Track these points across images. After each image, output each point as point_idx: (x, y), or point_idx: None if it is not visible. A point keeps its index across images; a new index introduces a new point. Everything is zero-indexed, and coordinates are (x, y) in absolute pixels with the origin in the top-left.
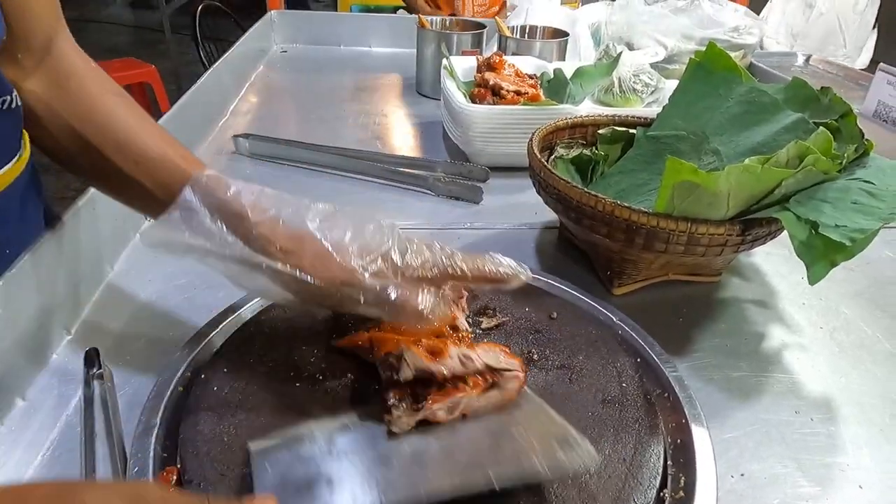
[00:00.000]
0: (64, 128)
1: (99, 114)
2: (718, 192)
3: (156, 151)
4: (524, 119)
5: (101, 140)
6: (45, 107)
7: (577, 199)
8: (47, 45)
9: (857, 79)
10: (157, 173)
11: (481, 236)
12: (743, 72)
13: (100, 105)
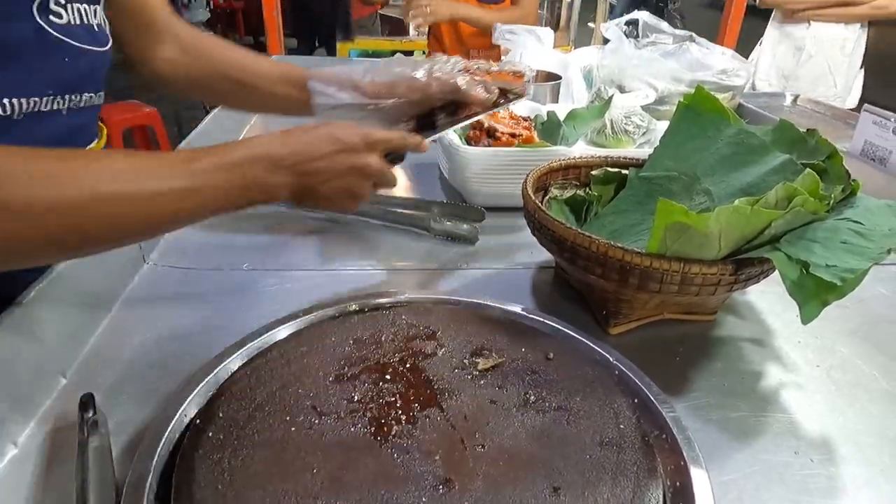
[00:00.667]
0: (207, 74)
1: (230, 58)
2: (709, 233)
3: (276, 69)
4: (519, 160)
5: (240, 74)
6: (183, 66)
7: (571, 240)
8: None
9: (845, 118)
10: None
11: (477, 276)
12: (730, 114)
13: (228, 52)
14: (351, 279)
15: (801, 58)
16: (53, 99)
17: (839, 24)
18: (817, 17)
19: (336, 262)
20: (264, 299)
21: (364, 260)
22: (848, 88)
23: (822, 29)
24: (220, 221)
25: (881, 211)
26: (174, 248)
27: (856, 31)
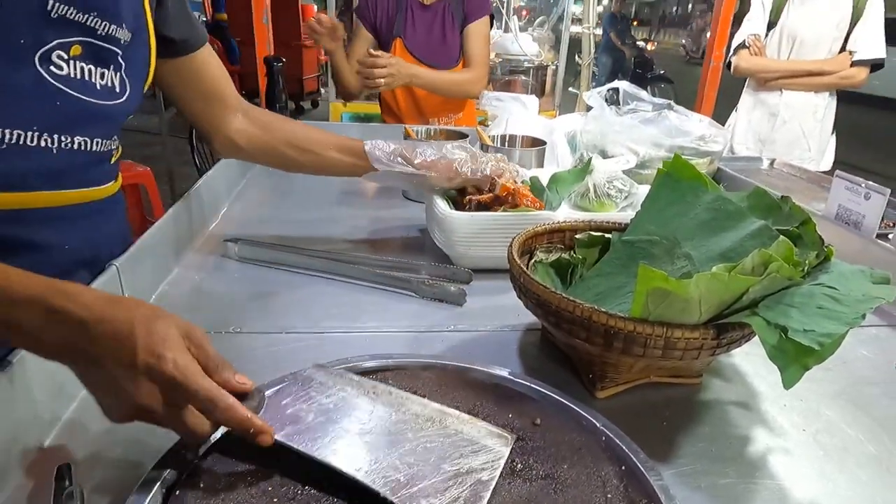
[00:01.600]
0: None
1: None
2: (690, 299)
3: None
4: (504, 224)
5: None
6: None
7: (555, 304)
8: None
9: (819, 181)
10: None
11: (465, 339)
12: (707, 180)
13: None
14: (338, 341)
15: (776, 123)
16: (39, 135)
17: (810, 92)
18: (788, 86)
19: (323, 323)
20: (249, 363)
21: (352, 322)
22: (821, 152)
23: (794, 96)
24: (207, 281)
25: (854, 276)
26: None
27: (826, 98)
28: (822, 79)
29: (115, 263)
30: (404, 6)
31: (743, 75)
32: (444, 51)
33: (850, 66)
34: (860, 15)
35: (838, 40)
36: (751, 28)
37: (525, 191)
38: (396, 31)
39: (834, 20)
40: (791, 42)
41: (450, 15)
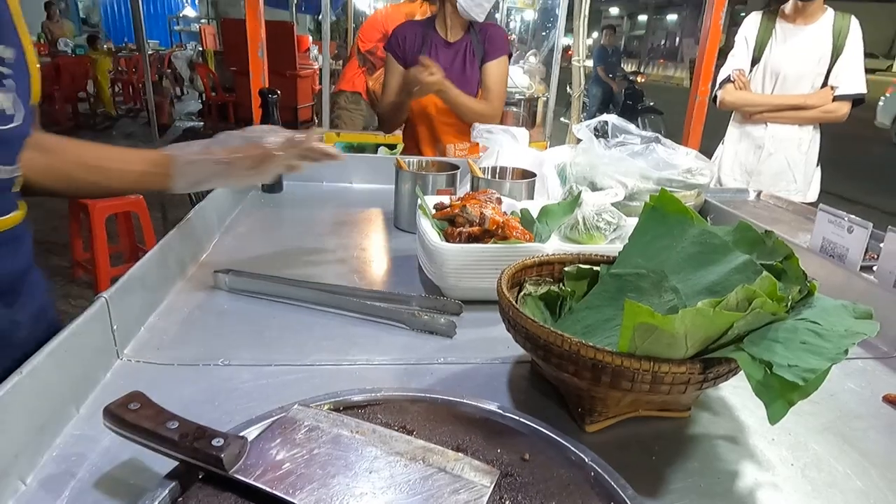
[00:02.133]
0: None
1: (86, 146)
2: (676, 334)
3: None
4: (495, 256)
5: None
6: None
7: (544, 338)
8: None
9: (806, 213)
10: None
11: (455, 371)
12: (693, 214)
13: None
14: (328, 374)
15: (762, 155)
16: None
17: (794, 125)
18: (773, 120)
19: (313, 356)
20: (238, 397)
21: (341, 354)
22: (808, 183)
23: (779, 129)
24: (196, 312)
25: (837, 311)
26: (149, 343)
27: (810, 131)
28: (805, 113)
29: (105, 296)
30: (429, 42)
31: (728, 109)
32: (462, 84)
33: (832, 100)
34: (840, 51)
35: (820, 76)
36: (735, 63)
37: (515, 223)
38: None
39: (815, 56)
40: (774, 77)
41: (471, 52)
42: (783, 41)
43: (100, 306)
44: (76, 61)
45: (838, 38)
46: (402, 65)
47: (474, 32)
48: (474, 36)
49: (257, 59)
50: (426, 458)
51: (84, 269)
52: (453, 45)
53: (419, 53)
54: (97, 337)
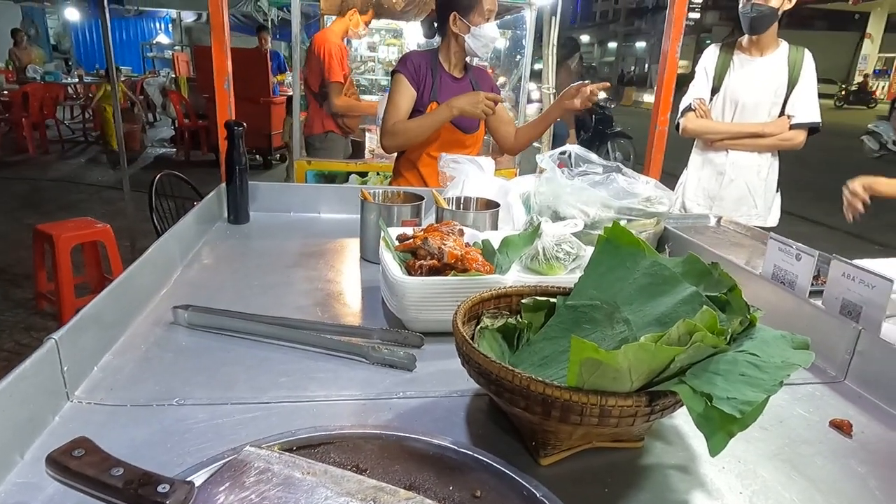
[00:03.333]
0: None
1: None
2: (620, 368)
3: None
4: (455, 288)
5: None
6: None
7: (495, 373)
8: None
9: (763, 238)
10: None
11: (413, 405)
12: (645, 246)
13: None
14: (285, 412)
15: (724, 181)
16: None
17: (753, 152)
18: (733, 147)
19: (270, 393)
20: (192, 438)
21: (299, 391)
22: (768, 208)
23: (739, 156)
24: (154, 350)
25: (776, 342)
26: (102, 383)
27: (768, 158)
28: (763, 140)
29: (54, 337)
30: (439, 76)
31: (690, 136)
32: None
33: (789, 129)
34: (795, 82)
35: (777, 105)
36: (696, 92)
37: (476, 255)
38: (433, 95)
39: (772, 86)
40: (733, 106)
41: (472, 89)
42: (741, 72)
43: (49, 348)
44: (45, 88)
45: (793, 70)
46: (415, 88)
47: (470, 72)
48: (470, 75)
49: (223, 92)
50: (377, 498)
51: (48, 301)
52: (460, 81)
53: (430, 85)
54: (46, 379)
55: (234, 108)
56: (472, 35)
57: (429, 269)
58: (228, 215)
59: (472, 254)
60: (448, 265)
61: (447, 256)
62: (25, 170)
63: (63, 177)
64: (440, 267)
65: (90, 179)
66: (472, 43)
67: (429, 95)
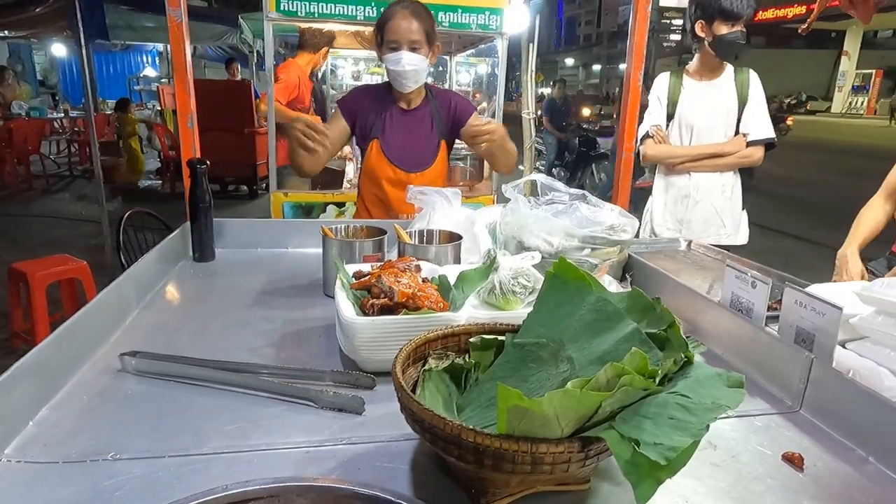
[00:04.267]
0: None
1: None
2: (546, 415)
3: None
4: (406, 328)
5: None
6: None
7: (428, 421)
8: None
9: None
10: None
11: (358, 452)
12: (592, 281)
13: None
14: (225, 463)
15: (689, 203)
16: None
17: (715, 172)
18: (694, 169)
19: (213, 443)
20: (123, 496)
21: (243, 439)
22: (736, 227)
23: (702, 178)
24: (96, 400)
25: (710, 381)
26: (36, 440)
27: (731, 177)
28: (723, 160)
29: None
30: (386, 110)
31: (651, 162)
32: (416, 155)
33: (745, 146)
34: (745, 102)
35: (731, 125)
36: (652, 120)
37: (431, 291)
38: (375, 132)
39: (724, 108)
40: (689, 130)
41: (430, 120)
42: (692, 96)
43: None
44: (29, 124)
45: (742, 90)
46: (348, 122)
47: (432, 100)
48: (433, 104)
49: (187, 130)
50: None
51: (24, 340)
52: (410, 113)
53: (374, 121)
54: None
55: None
56: (385, 66)
57: (380, 308)
58: (194, 253)
59: (426, 291)
60: (400, 304)
61: (398, 296)
62: (8, 206)
63: (46, 212)
64: (392, 306)
65: (73, 214)
66: (388, 74)
67: (369, 131)
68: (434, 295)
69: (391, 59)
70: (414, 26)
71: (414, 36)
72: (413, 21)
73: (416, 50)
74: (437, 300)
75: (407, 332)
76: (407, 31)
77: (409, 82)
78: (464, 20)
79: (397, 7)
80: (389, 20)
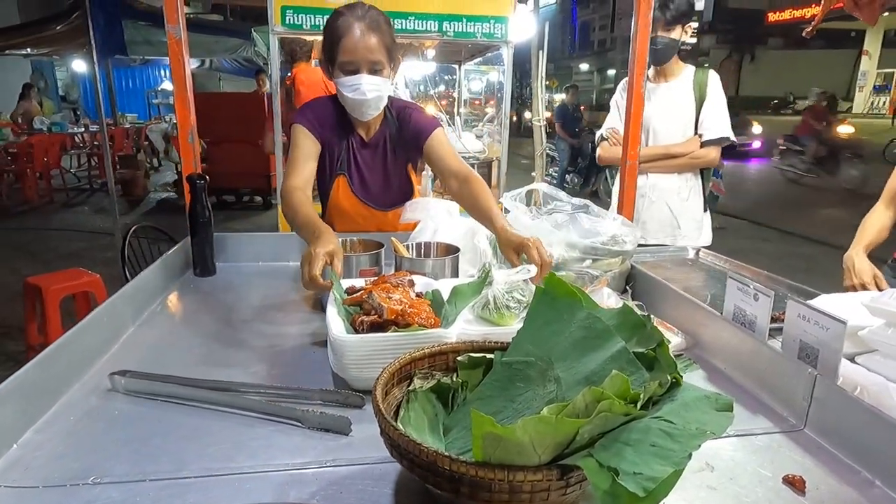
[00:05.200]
0: None
1: None
2: (521, 442)
3: None
4: (394, 345)
5: None
6: None
7: (404, 447)
8: None
9: (739, 271)
10: None
11: (341, 476)
12: (583, 296)
13: None
14: (204, 488)
15: (645, 203)
16: None
17: (671, 173)
18: (650, 169)
19: (194, 465)
20: None
21: (226, 461)
22: (697, 229)
23: (658, 179)
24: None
25: (697, 405)
26: (19, 463)
27: (689, 179)
28: (677, 160)
29: None
30: (348, 140)
31: (607, 164)
32: (388, 193)
33: (700, 146)
34: (703, 101)
35: (690, 126)
36: (609, 123)
37: (424, 307)
38: (340, 167)
39: (680, 109)
40: (646, 132)
41: (391, 150)
42: (650, 100)
43: None
44: (49, 139)
45: (699, 90)
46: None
47: (391, 121)
48: (391, 125)
49: (187, 146)
50: None
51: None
52: (369, 144)
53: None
54: None
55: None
56: (338, 90)
57: (370, 325)
58: (194, 268)
59: (417, 307)
60: (389, 321)
61: (387, 313)
62: (29, 219)
63: (65, 225)
64: (382, 323)
65: (91, 227)
66: (343, 101)
67: (336, 164)
68: (426, 311)
69: (347, 85)
70: (374, 43)
71: (375, 56)
72: (372, 36)
73: (378, 71)
74: (428, 316)
75: (395, 350)
76: (366, 50)
77: (371, 110)
78: (469, 29)
79: (350, 19)
80: (343, 36)
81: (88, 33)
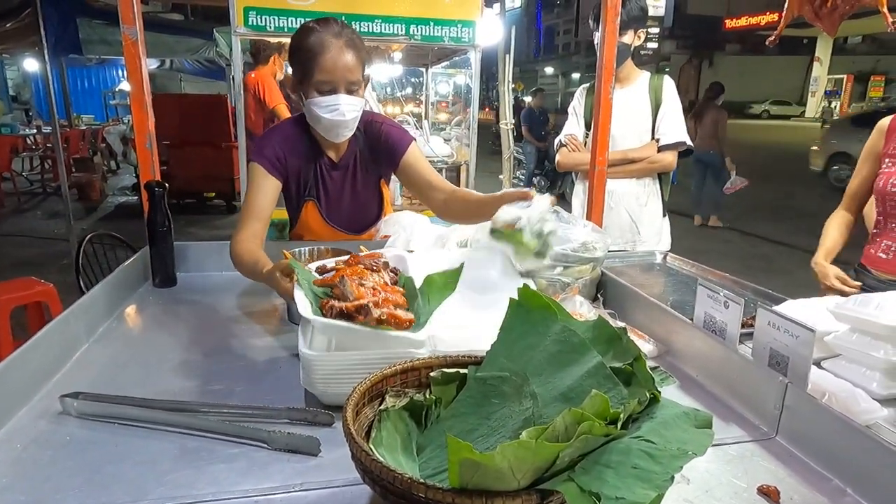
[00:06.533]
0: None
1: None
2: (500, 468)
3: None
4: (364, 361)
5: None
6: None
7: (377, 473)
8: None
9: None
10: None
11: (310, 500)
12: (558, 309)
13: None
14: None
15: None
16: None
17: (631, 179)
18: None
19: (152, 494)
20: None
21: (186, 489)
22: (657, 234)
23: (618, 185)
24: (30, 449)
25: (677, 422)
26: None
27: (647, 185)
28: (633, 166)
29: None
30: (315, 163)
31: (565, 170)
32: (360, 216)
33: (657, 151)
34: (658, 107)
35: (646, 131)
36: (567, 130)
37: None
38: (309, 193)
39: (636, 115)
40: None
41: (362, 170)
42: None
43: None
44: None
45: (655, 96)
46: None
47: (359, 137)
48: (360, 141)
49: (145, 151)
50: None
51: None
52: (339, 165)
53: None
54: None
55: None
56: (307, 110)
57: (339, 312)
58: (153, 278)
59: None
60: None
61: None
62: None
63: (17, 231)
64: (352, 311)
65: (45, 233)
66: (315, 122)
67: (304, 190)
68: (400, 301)
69: (324, 106)
70: (352, 62)
71: (354, 75)
72: (350, 54)
73: (355, 91)
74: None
75: (366, 366)
76: (345, 69)
77: (346, 131)
78: (436, 33)
79: (327, 36)
80: (319, 54)
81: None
